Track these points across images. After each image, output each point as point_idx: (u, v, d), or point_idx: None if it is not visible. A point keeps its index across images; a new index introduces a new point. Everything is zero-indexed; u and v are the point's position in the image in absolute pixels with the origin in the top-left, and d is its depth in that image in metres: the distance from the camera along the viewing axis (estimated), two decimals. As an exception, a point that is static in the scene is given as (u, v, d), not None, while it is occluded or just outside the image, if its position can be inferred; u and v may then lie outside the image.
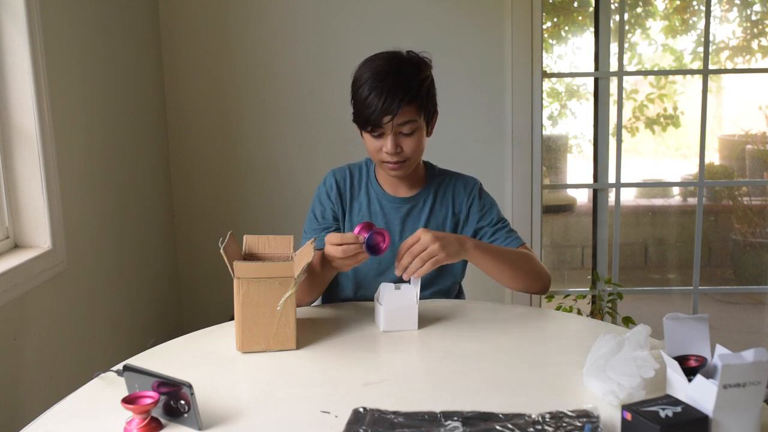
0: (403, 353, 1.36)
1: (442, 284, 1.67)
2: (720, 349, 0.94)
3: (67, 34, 2.00)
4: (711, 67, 3.04)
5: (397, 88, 1.47)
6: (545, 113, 3.17)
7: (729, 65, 3.52)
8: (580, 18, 3.37)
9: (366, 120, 1.51)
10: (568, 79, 3.45)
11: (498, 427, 0.98)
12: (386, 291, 1.44)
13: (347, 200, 1.67)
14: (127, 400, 1.03)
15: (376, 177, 1.68)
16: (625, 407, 0.92)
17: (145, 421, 1.03)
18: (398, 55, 1.55)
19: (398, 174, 1.59)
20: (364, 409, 1.06)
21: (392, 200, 1.65)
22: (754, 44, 3.45)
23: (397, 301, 1.42)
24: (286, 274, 1.30)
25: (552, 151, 3.43)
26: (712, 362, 0.99)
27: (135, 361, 1.24)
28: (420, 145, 1.56)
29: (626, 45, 3.21)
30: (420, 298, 1.52)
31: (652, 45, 3.43)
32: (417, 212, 1.65)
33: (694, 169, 3.21)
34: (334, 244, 1.41)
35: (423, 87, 1.52)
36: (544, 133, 2.78)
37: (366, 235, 1.39)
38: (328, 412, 1.07)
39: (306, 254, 1.34)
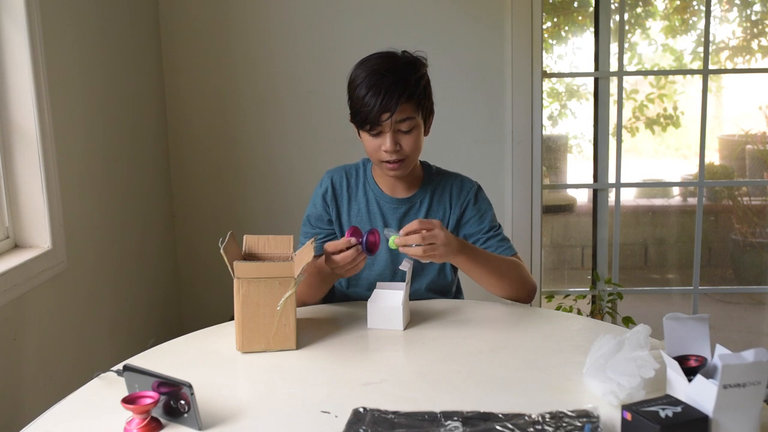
0: (403, 353, 1.37)
1: (431, 274, 1.67)
2: (720, 349, 0.94)
3: (67, 34, 2.00)
4: (711, 67, 3.04)
5: (394, 85, 1.48)
6: (545, 113, 3.17)
7: (729, 65, 3.52)
8: (580, 18, 3.37)
9: (364, 118, 1.51)
10: (568, 79, 3.45)
11: (498, 427, 0.98)
12: (377, 290, 1.46)
13: (344, 202, 1.67)
14: (127, 400, 1.04)
15: (373, 177, 1.68)
16: (625, 407, 0.92)
17: (145, 421, 1.03)
18: (394, 55, 1.57)
19: (397, 174, 1.59)
20: (364, 409, 1.06)
21: (390, 201, 1.66)
22: (754, 44, 3.45)
23: (383, 300, 1.43)
24: (285, 274, 1.30)
25: (552, 151, 3.43)
26: (712, 362, 0.99)
27: (135, 361, 1.24)
28: (418, 144, 1.56)
29: (626, 45, 3.21)
30: (415, 295, 1.54)
31: (652, 45, 3.43)
32: (414, 212, 1.65)
33: (694, 169, 3.21)
34: (331, 253, 1.44)
35: (420, 84, 1.53)
36: (544, 133, 2.78)
37: (358, 239, 1.42)
38: (328, 412, 1.07)
39: (306, 254, 1.34)
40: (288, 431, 1.04)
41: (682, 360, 1.00)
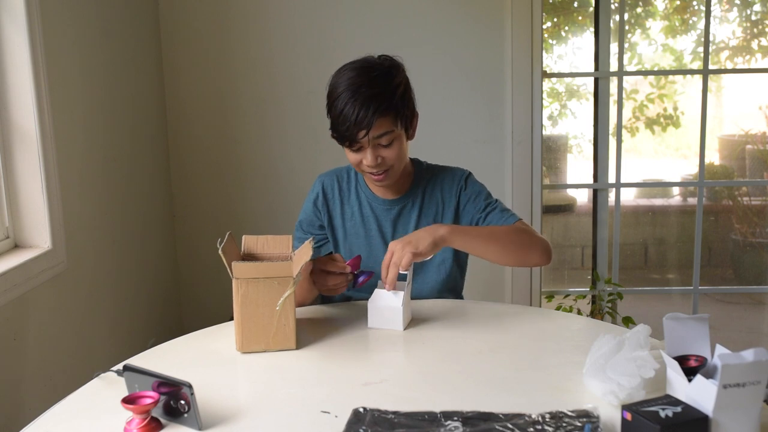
0: (403, 353, 1.37)
1: (437, 275, 1.65)
2: (720, 349, 0.94)
3: (67, 34, 2.00)
4: (711, 67, 3.04)
5: (369, 101, 1.45)
6: (545, 113, 3.17)
7: (729, 65, 3.52)
8: (580, 18, 3.37)
9: (342, 136, 1.49)
10: (568, 79, 3.45)
11: (498, 427, 0.98)
12: (377, 290, 1.46)
13: (336, 207, 1.67)
14: (127, 400, 1.04)
15: (364, 180, 1.67)
16: (625, 407, 0.92)
17: (145, 421, 1.03)
18: (369, 65, 1.51)
19: (384, 183, 1.59)
20: (364, 409, 1.06)
21: (382, 203, 1.65)
22: (754, 44, 3.44)
23: (384, 300, 1.43)
24: (284, 273, 1.30)
25: (552, 151, 3.43)
26: (712, 362, 0.99)
27: (135, 361, 1.24)
28: (401, 153, 1.54)
29: (626, 45, 3.21)
30: (422, 294, 1.53)
31: (652, 45, 3.43)
32: (407, 212, 1.65)
33: (694, 169, 3.21)
34: (323, 270, 1.45)
35: (396, 95, 1.49)
36: (544, 133, 2.78)
37: (353, 270, 1.48)
38: (328, 412, 1.07)
39: (304, 254, 1.34)
40: (288, 431, 1.04)
41: (682, 360, 1.00)
